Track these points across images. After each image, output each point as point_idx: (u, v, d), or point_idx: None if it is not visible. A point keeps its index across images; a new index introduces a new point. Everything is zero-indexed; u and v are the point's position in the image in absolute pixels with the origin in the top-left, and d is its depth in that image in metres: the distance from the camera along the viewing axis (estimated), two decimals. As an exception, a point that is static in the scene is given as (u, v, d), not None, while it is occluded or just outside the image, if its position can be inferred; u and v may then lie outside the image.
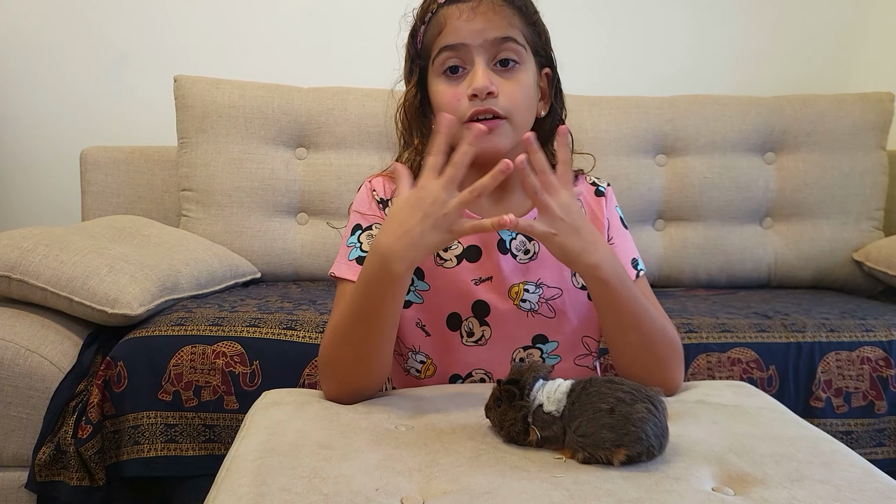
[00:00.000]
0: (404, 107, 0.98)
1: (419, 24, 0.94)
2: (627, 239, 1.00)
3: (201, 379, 1.32)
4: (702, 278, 2.02)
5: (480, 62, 0.88)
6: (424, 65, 0.94)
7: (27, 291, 1.39)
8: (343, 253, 0.95)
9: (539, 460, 0.70)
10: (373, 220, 0.96)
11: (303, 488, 0.64)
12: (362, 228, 0.96)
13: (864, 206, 2.01)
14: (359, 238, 0.95)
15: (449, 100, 0.90)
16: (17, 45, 2.19)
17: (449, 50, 0.89)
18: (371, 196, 0.97)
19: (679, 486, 0.65)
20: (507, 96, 0.88)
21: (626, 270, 0.88)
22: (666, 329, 0.90)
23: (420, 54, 0.94)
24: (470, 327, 0.96)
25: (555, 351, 0.97)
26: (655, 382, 0.75)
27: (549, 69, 0.96)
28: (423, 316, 0.97)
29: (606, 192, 1.00)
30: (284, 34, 2.26)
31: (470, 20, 0.87)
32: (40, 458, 1.28)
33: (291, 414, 0.83)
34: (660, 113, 2.03)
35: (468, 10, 0.88)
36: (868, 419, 1.39)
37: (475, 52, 0.88)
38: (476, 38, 0.87)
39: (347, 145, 1.97)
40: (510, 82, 0.89)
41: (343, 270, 0.93)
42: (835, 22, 2.35)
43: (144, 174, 2.04)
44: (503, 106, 0.88)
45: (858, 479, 0.68)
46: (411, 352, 1.00)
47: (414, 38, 0.95)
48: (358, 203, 0.98)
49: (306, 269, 1.97)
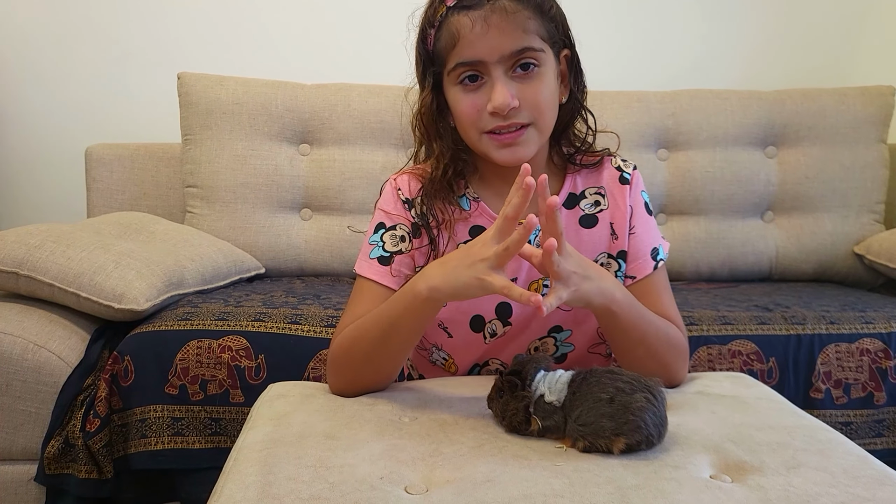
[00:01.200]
0: (421, 113, 0.96)
1: (428, 27, 0.91)
2: (650, 227, 0.98)
3: (207, 373, 1.33)
4: (704, 272, 2.03)
5: (499, 76, 0.86)
6: (439, 71, 0.92)
7: (35, 287, 1.40)
8: (365, 250, 0.96)
9: (540, 449, 0.71)
10: (397, 220, 0.96)
11: (309, 477, 0.65)
12: (386, 227, 0.96)
13: (864, 200, 2.02)
14: (381, 237, 0.95)
15: (469, 111, 0.89)
16: (22, 43, 2.21)
17: (465, 65, 0.87)
18: (396, 195, 0.97)
19: (678, 474, 0.66)
20: (530, 103, 0.88)
21: (630, 295, 0.87)
22: (671, 336, 0.91)
23: (434, 61, 0.92)
24: (493, 329, 0.97)
25: (568, 339, 0.99)
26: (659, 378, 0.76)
27: (567, 50, 0.94)
28: (445, 318, 0.98)
29: (633, 176, 0.99)
30: (288, 31, 2.27)
31: (484, 34, 0.85)
32: (49, 452, 1.29)
33: (297, 406, 0.84)
34: (661, 107, 2.03)
35: (481, 20, 0.85)
36: (867, 410, 1.39)
37: (493, 68, 0.86)
38: (493, 54, 0.86)
39: (351, 141, 1.98)
40: (531, 86, 0.88)
41: (364, 268, 0.94)
42: (835, 16, 2.35)
43: (149, 171, 2.05)
44: (527, 115, 0.88)
45: (853, 466, 0.69)
46: (434, 347, 1.03)
47: (424, 41, 0.93)
48: (383, 201, 0.98)
49: (310, 265, 1.98)
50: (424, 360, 1.06)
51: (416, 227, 0.96)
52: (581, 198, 0.98)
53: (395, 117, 1.98)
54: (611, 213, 0.98)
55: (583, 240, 0.97)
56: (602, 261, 0.97)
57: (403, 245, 0.95)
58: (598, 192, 0.99)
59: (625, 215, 0.97)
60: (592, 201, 0.98)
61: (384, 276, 0.93)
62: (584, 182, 0.99)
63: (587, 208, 0.98)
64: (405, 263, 0.94)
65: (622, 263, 0.97)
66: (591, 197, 0.98)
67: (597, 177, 1.00)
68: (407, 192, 0.97)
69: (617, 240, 0.97)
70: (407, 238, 0.95)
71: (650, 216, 1.00)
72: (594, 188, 0.99)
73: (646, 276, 0.96)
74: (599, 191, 0.99)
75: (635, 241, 0.97)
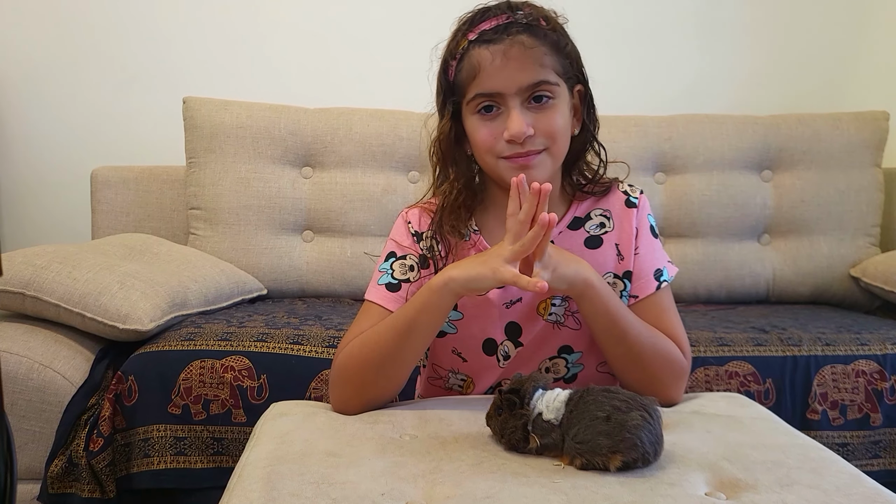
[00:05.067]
0: (439, 140, 1.00)
1: (450, 59, 0.95)
2: (653, 249, 1.01)
3: (210, 393, 1.35)
4: (701, 294, 2.04)
5: (515, 106, 0.91)
6: (458, 101, 0.96)
7: (41, 308, 1.42)
8: (375, 277, 1.00)
9: (538, 466, 0.73)
10: (407, 251, 1.01)
11: (311, 493, 0.67)
12: (396, 257, 1.00)
13: (860, 223, 2.04)
14: (391, 265, 1.00)
15: (485, 138, 0.93)
16: (30, 67, 2.24)
17: (484, 96, 0.92)
18: (407, 229, 1.01)
19: (673, 491, 0.68)
20: (544, 131, 0.92)
21: (611, 289, 0.93)
22: (662, 346, 0.94)
23: (454, 91, 0.96)
24: (506, 350, 1.00)
25: (579, 360, 1.01)
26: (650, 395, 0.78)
27: (581, 86, 0.98)
28: (458, 344, 1.02)
29: (640, 200, 1.02)
30: (291, 56, 2.31)
31: (503, 67, 0.90)
32: (53, 471, 1.30)
33: (299, 424, 0.86)
34: (658, 132, 2.07)
35: (500, 54, 0.90)
36: (864, 431, 1.40)
37: (509, 99, 0.91)
38: (510, 86, 0.90)
39: (352, 164, 2.01)
40: (545, 116, 0.92)
41: (372, 293, 0.98)
42: (830, 42, 2.39)
43: (153, 193, 2.08)
44: (541, 142, 0.92)
45: (846, 484, 0.70)
46: (451, 372, 1.05)
47: (446, 72, 0.97)
48: (395, 233, 1.03)
49: (312, 286, 2.00)
50: (439, 389, 1.08)
51: (423, 258, 1.00)
52: (586, 220, 1.01)
53: (397, 141, 2.01)
54: (616, 235, 1.00)
55: (587, 261, 0.97)
56: (609, 280, 0.99)
57: (411, 274, 0.99)
58: (603, 215, 1.01)
59: (630, 236, 1.00)
60: (598, 223, 1.01)
61: (390, 301, 0.96)
62: (589, 206, 1.03)
63: (592, 230, 1.01)
64: (411, 291, 0.97)
65: (627, 283, 0.99)
66: (596, 218, 1.01)
67: (603, 202, 1.03)
68: (417, 226, 1.01)
69: (623, 261, 1.00)
70: (415, 267, 0.99)
71: (655, 238, 1.02)
72: (600, 210, 1.02)
73: (647, 295, 0.98)
74: (605, 213, 1.01)
75: (639, 262, 0.99)
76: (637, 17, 2.35)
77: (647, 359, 0.92)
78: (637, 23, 2.35)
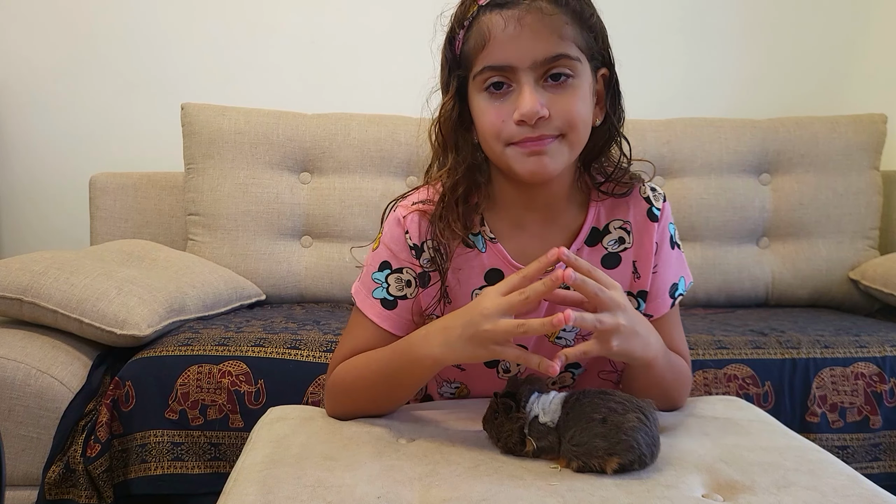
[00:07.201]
0: (440, 121, 0.88)
1: (458, 27, 0.83)
2: (672, 262, 0.94)
3: (207, 398, 1.35)
4: (700, 297, 2.04)
5: (528, 82, 0.79)
6: (464, 75, 0.84)
7: (39, 313, 1.42)
8: (367, 283, 0.91)
9: (535, 469, 0.73)
10: (404, 265, 0.90)
11: (308, 496, 0.67)
12: (391, 269, 0.90)
13: (859, 226, 2.04)
14: (387, 278, 0.90)
15: (492, 120, 0.81)
16: (28, 74, 2.25)
17: (493, 70, 0.80)
18: (404, 240, 0.89)
19: (670, 493, 0.67)
20: (561, 114, 0.79)
21: (664, 345, 0.86)
22: (681, 370, 0.92)
23: (460, 63, 0.84)
24: (507, 366, 0.96)
25: (583, 375, 0.99)
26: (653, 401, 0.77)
27: (605, 69, 0.86)
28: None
29: (662, 210, 0.92)
30: (289, 62, 2.31)
31: (517, 36, 0.77)
32: (50, 477, 1.30)
33: (296, 428, 0.86)
34: (656, 135, 2.07)
35: (514, 20, 0.77)
36: (863, 434, 1.40)
37: (522, 74, 0.79)
38: (524, 59, 0.78)
39: (350, 170, 2.01)
40: (563, 97, 0.80)
41: (366, 306, 0.90)
42: (828, 45, 2.39)
43: (152, 199, 2.08)
44: (556, 127, 0.80)
45: (843, 486, 0.70)
46: (446, 382, 1.03)
47: (452, 43, 0.85)
48: (390, 238, 0.90)
49: (310, 292, 2.00)
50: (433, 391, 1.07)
51: (424, 275, 0.90)
52: (605, 233, 0.92)
53: (395, 146, 2.01)
54: (635, 252, 0.92)
55: None
56: None
57: (409, 290, 0.90)
58: (622, 228, 0.92)
59: (649, 254, 0.91)
60: (616, 237, 0.92)
61: (385, 319, 0.90)
62: (608, 213, 0.92)
63: (610, 246, 0.92)
64: (408, 308, 0.91)
65: (641, 303, 0.93)
66: (615, 232, 0.92)
67: (624, 209, 0.92)
68: (416, 237, 0.89)
69: (639, 279, 0.92)
70: (413, 283, 0.90)
71: (674, 250, 0.95)
72: (619, 221, 0.92)
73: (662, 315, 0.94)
74: (625, 226, 0.92)
75: (656, 280, 0.93)
76: (634, 21, 2.35)
77: (673, 387, 0.91)
78: (634, 26, 2.36)
